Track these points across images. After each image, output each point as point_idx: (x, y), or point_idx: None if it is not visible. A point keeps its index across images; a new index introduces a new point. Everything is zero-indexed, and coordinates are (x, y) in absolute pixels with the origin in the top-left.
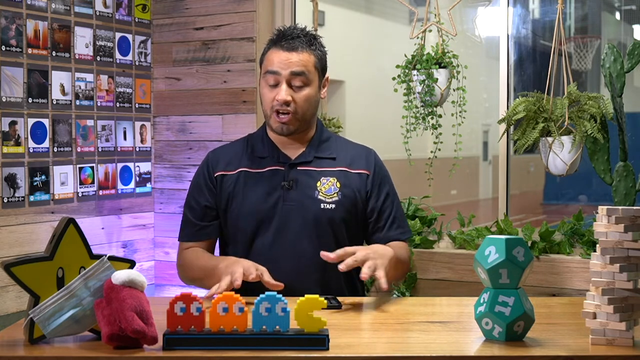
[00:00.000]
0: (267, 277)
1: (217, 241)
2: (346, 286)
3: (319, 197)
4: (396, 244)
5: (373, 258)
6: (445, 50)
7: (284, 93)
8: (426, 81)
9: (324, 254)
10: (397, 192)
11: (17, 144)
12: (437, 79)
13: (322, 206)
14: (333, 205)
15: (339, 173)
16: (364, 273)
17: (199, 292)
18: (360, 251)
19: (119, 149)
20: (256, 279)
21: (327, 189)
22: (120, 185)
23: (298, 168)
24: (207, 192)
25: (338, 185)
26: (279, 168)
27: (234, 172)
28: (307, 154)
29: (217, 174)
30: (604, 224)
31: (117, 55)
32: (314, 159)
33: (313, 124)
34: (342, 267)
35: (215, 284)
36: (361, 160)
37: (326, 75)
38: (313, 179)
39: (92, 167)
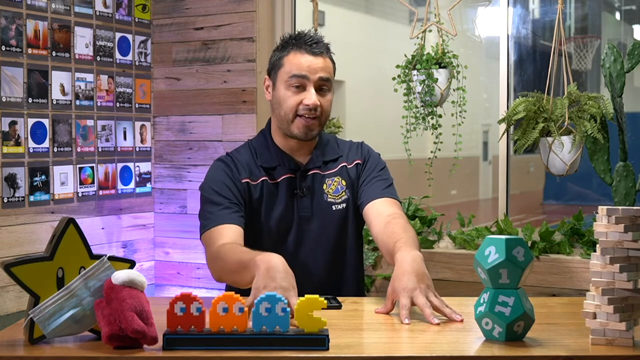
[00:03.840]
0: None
1: None
2: (355, 283)
3: (329, 199)
4: (397, 225)
5: (414, 289)
6: (445, 50)
7: (314, 97)
8: (426, 81)
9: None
10: (397, 192)
11: (17, 144)
12: (437, 79)
13: (334, 208)
14: (344, 205)
15: (340, 170)
16: (431, 318)
17: (200, 293)
18: (402, 298)
19: (119, 149)
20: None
21: (334, 189)
22: (120, 185)
23: (308, 174)
24: (232, 191)
25: (344, 183)
26: (291, 176)
27: (257, 182)
28: (315, 159)
29: (243, 180)
30: (604, 224)
31: (117, 55)
32: (322, 164)
33: None
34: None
35: (249, 281)
36: (355, 154)
37: None
38: (320, 183)
39: (92, 167)
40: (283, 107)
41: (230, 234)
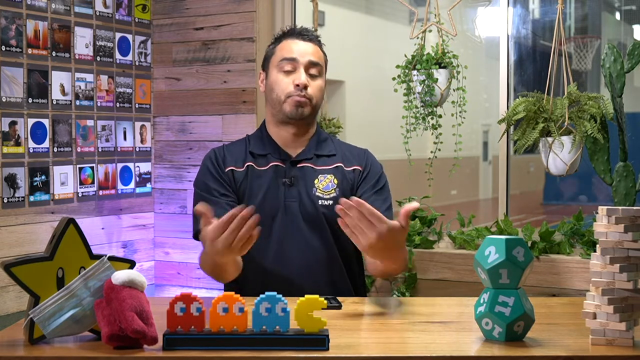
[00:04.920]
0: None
1: None
2: (352, 283)
3: (317, 193)
4: None
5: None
6: (445, 51)
7: (303, 77)
8: (426, 81)
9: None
10: (397, 192)
11: (17, 144)
12: (437, 79)
13: (320, 202)
14: (331, 202)
15: (335, 170)
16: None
17: (200, 293)
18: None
19: (119, 149)
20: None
21: (325, 185)
22: (120, 186)
23: (298, 165)
24: (221, 182)
25: (335, 181)
26: (280, 164)
27: (242, 169)
28: (307, 151)
29: (227, 169)
30: (604, 224)
31: (117, 56)
32: (314, 157)
33: (315, 121)
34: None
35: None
36: (355, 158)
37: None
38: (311, 176)
39: (92, 167)
40: (275, 90)
41: None
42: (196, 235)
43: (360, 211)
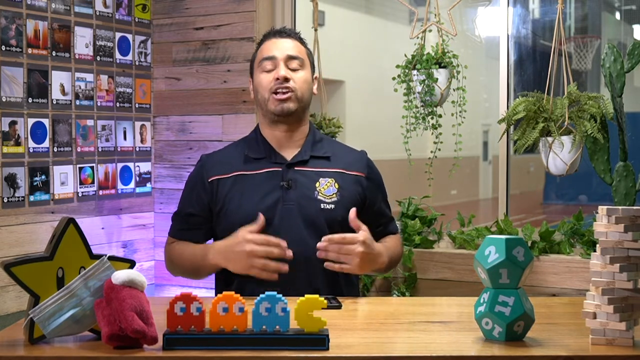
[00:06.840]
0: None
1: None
2: (345, 285)
3: (319, 197)
4: (391, 238)
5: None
6: (445, 50)
7: (283, 71)
8: (426, 81)
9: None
10: (397, 192)
11: (17, 144)
12: (437, 79)
13: (322, 206)
14: (332, 206)
15: (336, 174)
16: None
17: (200, 292)
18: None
19: (119, 149)
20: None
21: (327, 189)
22: (120, 185)
23: (295, 168)
24: (195, 200)
25: (336, 186)
26: (276, 169)
27: (229, 175)
28: (303, 153)
29: (211, 178)
30: (604, 224)
31: (117, 55)
32: (310, 159)
33: (307, 118)
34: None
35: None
36: (356, 163)
37: (315, 74)
38: (311, 180)
39: (92, 167)
40: (260, 90)
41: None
42: (173, 234)
43: (335, 244)
